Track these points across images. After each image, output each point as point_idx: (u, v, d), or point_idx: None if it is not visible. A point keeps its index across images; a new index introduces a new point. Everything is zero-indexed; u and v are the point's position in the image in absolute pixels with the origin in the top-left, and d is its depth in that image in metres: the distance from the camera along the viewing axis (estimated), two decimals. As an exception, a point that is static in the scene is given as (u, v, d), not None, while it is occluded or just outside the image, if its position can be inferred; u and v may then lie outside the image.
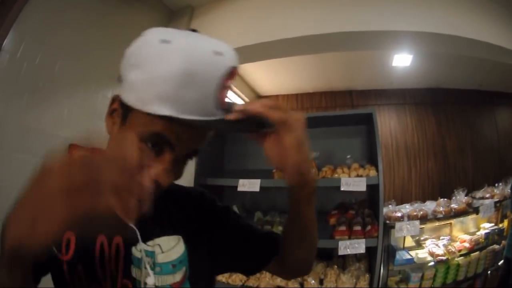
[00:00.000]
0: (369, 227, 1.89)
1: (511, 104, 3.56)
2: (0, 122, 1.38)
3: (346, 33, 1.83)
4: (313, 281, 1.91)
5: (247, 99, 3.14)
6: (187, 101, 0.47)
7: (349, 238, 1.87)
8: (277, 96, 3.35)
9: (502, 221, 2.68)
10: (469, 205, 2.33)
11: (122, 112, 0.52)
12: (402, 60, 2.61)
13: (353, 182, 1.84)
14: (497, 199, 2.46)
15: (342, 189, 1.83)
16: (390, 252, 2.05)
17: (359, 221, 1.91)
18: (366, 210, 2.00)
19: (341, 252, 1.84)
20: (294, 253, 0.67)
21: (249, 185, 1.88)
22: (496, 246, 2.57)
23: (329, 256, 2.15)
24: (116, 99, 0.55)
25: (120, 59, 0.54)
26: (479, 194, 2.56)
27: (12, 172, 1.32)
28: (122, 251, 0.58)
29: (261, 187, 1.88)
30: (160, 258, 0.59)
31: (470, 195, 2.50)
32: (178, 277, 0.61)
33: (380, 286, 1.96)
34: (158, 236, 0.60)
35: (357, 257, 2.09)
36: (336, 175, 1.87)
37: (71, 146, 0.53)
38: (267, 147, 0.53)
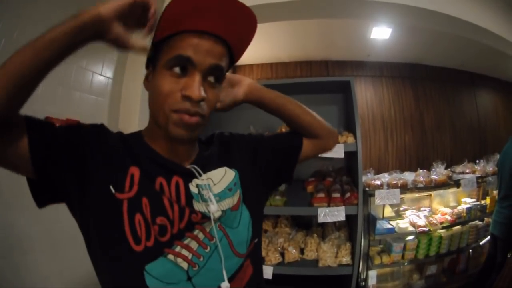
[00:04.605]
0: (348, 194, 1.88)
1: (492, 87, 3.64)
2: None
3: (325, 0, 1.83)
4: (294, 251, 1.89)
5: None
6: None
7: (328, 206, 1.85)
8: (251, 65, 3.33)
9: (484, 198, 2.71)
10: (449, 177, 2.35)
11: (151, 65, 0.62)
12: (381, 33, 2.64)
13: (330, 148, 1.83)
14: (479, 175, 2.48)
15: (319, 155, 1.81)
16: (371, 221, 2.04)
17: (338, 188, 1.90)
18: (344, 178, 1.99)
19: (320, 219, 1.82)
20: (303, 122, 0.79)
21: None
22: (479, 223, 2.60)
23: (308, 225, 2.13)
24: (148, 67, 0.65)
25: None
26: (459, 168, 2.58)
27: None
28: (182, 188, 0.61)
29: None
30: (215, 189, 0.65)
31: (449, 169, 2.52)
32: (236, 199, 0.67)
33: (362, 256, 1.95)
34: (205, 172, 0.66)
35: (336, 226, 2.07)
36: (313, 141, 1.86)
37: (47, 119, 0.57)
38: None
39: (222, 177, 0.68)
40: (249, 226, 0.68)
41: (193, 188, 0.62)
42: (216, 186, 0.65)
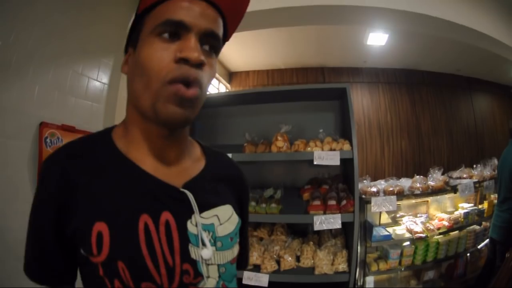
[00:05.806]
0: (344, 202, 1.87)
1: (489, 91, 3.63)
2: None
3: (320, 6, 1.82)
4: (290, 258, 1.88)
5: (217, 75, 3.11)
6: None
7: (324, 213, 1.84)
8: (247, 72, 3.32)
9: (481, 202, 2.71)
10: (446, 183, 2.34)
11: (133, 44, 0.52)
12: (377, 39, 2.64)
13: (326, 156, 1.82)
14: (476, 180, 2.47)
15: (315, 163, 1.80)
16: (367, 228, 2.03)
17: (334, 196, 1.89)
18: (340, 185, 1.98)
19: (316, 227, 1.81)
20: None
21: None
22: (476, 227, 2.59)
23: (304, 233, 2.12)
24: (126, 51, 0.55)
25: (93, 33, 0.54)
26: (456, 174, 2.58)
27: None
28: (174, 229, 0.47)
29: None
30: (220, 231, 0.52)
31: (446, 174, 2.52)
32: (236, 250, 0.55)
33: (358, 263, 1.94)
34: (212, 205, 0.53)
35: (332, 234, 2.07)
36: (308, 148, 1.86)
37: (42, 124, 0.52)
38: None
39: (229, 217, 0.55)
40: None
41: (191, 228, 0.49)
42: (221, 227, 0.52)
